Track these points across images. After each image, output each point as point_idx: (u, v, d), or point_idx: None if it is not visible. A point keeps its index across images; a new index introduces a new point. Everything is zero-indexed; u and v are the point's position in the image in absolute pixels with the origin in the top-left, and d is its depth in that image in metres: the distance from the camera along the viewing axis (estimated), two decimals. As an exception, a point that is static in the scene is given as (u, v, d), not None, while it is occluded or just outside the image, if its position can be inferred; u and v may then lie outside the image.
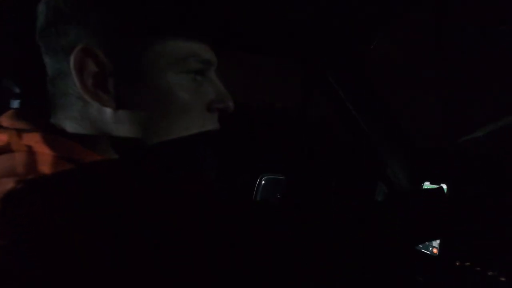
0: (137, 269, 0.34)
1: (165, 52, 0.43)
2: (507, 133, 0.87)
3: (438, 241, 0.87)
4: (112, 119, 0.42)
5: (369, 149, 1.14)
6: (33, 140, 0.39)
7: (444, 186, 0.91)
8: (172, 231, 0.40)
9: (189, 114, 0.45)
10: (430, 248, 0.89)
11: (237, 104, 0.50)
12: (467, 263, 0.82)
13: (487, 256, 0.79)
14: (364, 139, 1.13)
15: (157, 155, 0.44)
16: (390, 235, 0.56)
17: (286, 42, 1.00)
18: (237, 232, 0.48)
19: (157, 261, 0.36)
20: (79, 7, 0.41)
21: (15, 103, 0.72)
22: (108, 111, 0.42)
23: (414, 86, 1.11)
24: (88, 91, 0.41)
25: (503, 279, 0.75)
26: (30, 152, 0.38)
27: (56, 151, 0.39)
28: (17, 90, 0.72)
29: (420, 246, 0.92)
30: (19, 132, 0.40)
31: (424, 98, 1.11)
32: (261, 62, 1.16)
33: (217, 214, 0.47)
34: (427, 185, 0.99)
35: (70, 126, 0.43)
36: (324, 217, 0.58)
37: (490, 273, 0.78)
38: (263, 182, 1.08)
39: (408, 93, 1.14)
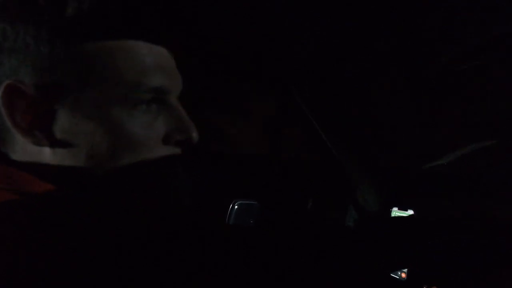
0: None
1: (107, 83, 0.38)
2: (473, 159, 0.92)
3: (406, 266, 0.89)
4: (51, 156, 0.38)
5: (340, 173, 1.17)
6: None
7: (411, 212, 0.94)
8: (131, 257, 0.38)
9: (139, 151, 0.40)
10: (399, 273, 0.91)
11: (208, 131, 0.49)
12: (434, 287, 0.84)
13: (452, 279, 0.82)
14: (335, 163, 1.15)
15: (106, 184, 0.40)
16: (363, 262, 0.57)
17: (255, 65, 1.02)
18: (210, 255, 0.46)
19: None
20: (9, 35, 0.36)
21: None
22: (46, 148, 0.38)
23: (383, 109, 1.14)
24: (20, 130, 0.37)
25: (467, 302, 0.78)
26: None
27: None
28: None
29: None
30: None
31: (393, 122, 1.15)
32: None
33: (187, 238, 0.46)
34: (395, 210, 1.02)
35: (16, 158, 0.39)
36: (297, 242, 0.59)
37: (455, 296, 0.80)
38: (235, 207, 1.07)
39: (377, 117, 1.17)
